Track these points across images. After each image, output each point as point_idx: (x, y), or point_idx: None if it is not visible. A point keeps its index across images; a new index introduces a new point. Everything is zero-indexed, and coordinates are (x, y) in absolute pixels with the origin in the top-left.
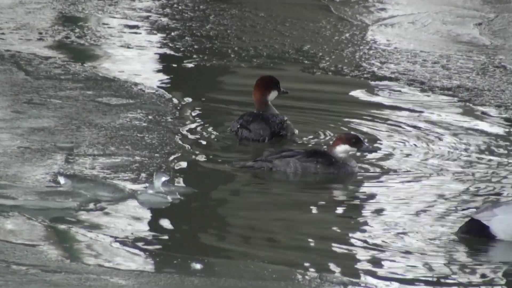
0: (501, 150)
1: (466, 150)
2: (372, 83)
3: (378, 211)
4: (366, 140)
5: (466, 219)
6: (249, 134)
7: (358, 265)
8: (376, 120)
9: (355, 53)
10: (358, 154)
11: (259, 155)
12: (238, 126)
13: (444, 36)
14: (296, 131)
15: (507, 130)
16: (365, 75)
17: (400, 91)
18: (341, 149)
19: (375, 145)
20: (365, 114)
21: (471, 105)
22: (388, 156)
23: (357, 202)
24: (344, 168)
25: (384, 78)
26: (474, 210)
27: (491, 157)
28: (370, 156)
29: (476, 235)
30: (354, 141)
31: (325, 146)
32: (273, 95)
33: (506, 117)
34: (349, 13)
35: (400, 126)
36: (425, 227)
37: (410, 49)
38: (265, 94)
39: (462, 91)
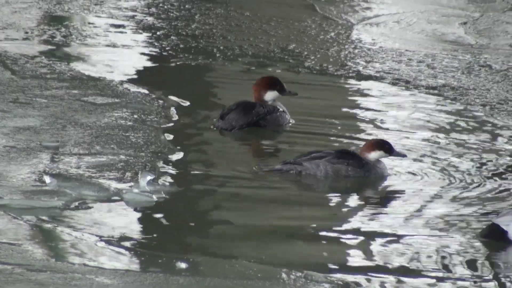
0: None
1: (487, 153)
2: (357, 82)
3: (390, 213)
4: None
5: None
6: (222, 123)
7: (348, 265)
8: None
9: (340, 52)
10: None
11: (286, 157)
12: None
13: (429, 35)
14: (292, 121)
15: None
16: (350, 74)
17: (386, 90)
18: (376, 155)
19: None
20: (356, 114)
21: (458, 104)
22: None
23: (359, 202)
24: (375, 170)
25: (369, 77)
26: (496, 214)
27: None
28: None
29: (495, 239)
30: (387, 147)
31: (353, 147)
32: (270, 95)
33: None
34: (334, 12)
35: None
36: (444, 229)
37: (395, 48)
38: (261, 94)
39: (447, 90)
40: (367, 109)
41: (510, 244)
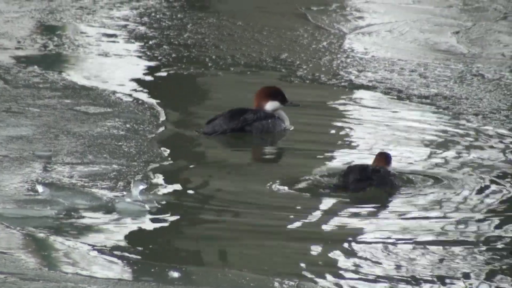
0: None
1: (485, 162)
2: (350, 91)
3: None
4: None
5: None
6: (205, 128)
7: (343, 276)
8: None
9: (333, 62)
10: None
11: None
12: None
13: (422, 45)
14: (291, 127)
15: None
16: (342, 84)
17: (378, 99)
18: (391, 168)
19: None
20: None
21: (450, 113)
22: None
23: (360, 210)
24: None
25: (361, 86)
26: None
27: None
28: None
29: None
30: (390, 159)
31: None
32: (271, 105)
33: None
34: (326, 22)
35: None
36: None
37: (387, 58)
38: (261, 104)
39: (439, 100)
40: (359, 119)
41: None
